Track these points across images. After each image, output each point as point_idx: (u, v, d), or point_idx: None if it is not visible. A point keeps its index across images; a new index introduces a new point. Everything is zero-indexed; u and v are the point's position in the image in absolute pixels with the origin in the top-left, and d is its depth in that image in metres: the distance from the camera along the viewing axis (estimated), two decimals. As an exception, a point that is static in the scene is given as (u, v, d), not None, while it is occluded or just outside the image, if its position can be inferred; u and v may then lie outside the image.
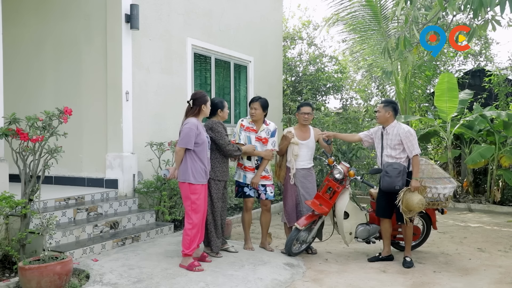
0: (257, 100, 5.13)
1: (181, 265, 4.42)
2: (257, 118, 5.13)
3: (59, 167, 5.61)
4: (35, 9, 7.13)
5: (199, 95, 4.54)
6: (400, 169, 4.73)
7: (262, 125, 5.17)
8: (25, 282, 3.66)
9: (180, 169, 4.44)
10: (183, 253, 4.42)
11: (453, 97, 8.53)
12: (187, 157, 4.40)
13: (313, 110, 5.34)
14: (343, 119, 10.19)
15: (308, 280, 4.32)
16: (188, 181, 4.38)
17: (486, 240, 6.12)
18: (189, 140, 4.32)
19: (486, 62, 13.24)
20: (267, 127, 5.15)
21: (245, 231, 5.29)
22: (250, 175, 5.10)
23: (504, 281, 4.35)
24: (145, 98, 6.58)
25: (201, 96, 4.52)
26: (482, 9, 4.35)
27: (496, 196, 8.59)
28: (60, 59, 6.85)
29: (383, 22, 9.86)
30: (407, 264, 4.78)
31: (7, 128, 4.21)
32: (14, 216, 4.39)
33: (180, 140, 4.38)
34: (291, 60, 13.34)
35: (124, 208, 5.89)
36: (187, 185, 4.40)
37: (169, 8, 7.01)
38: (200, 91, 4.61)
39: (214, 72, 8.08)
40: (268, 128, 5.16)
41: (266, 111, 5.17)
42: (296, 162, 5.20)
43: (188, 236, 4.41)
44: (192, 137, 4.33)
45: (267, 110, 5.20)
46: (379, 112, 4.96)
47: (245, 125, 5.17)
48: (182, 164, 4.42)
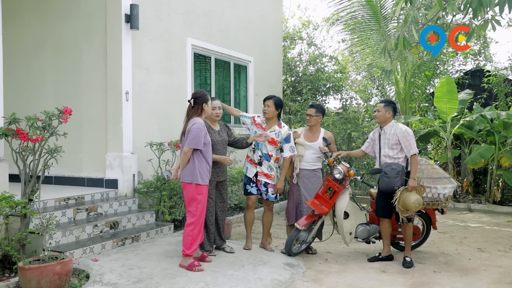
0: (271, 98, 5.16)
1: (181, 265, 4.41)
2: (269, 116, 5.13)
3: (59, 167, 5.61)
4: (35, 9, 7.12)
5: (199, 94, 4.50)
6: (398, 169, 4.73)
7: (275, 126, 5.14)
8: (25, 282, 3.66)
9: (185, 170, 4.37)
10: (184, 254, 4.41)
11: (453, 99, 8.56)
12: (194, 158, 4.35)
13: (318, 111, 5.27)
14: (342, 119, 10.20)
15: (308, 280, 4.32)
16: (196, 181, 4.34)
17: (486, 240, 6.12)
18: (199, 141, 4.29)
19: (486, 62, 13.24)
20: (279, 130, 5.11)
21: (246, 230, 5.30)
22: (252, 167, 5.15)
23: (504, 281, 4.35)
24: (145, 98, 6.58)
25: (201, 95, 4.48)
26: (481, 9, 4.35)
27: (496, 196, 8.60)
28: (60, 59, 6.85)
29: (382, 22, 9.87)
30: (407, 264, 4.78)
31: (7, 128, 4.21)
32: (14, 216, 4.39)
33: (189, 140, 4.30)
34: (291, 60, 13.34)
35: (124, 208, 5.89)
36: (194, 186, 4.35)
37: (169, 8, 7.01)
38: (201, 90, 4.57)
39: (214, 72, 8.08)
40: (280, 131, 5.11)
41: (279, 110, 5.17)
42: (300, 162, 5.21)
43: (190, 237, 4.39)
44: (201, 138, 4.30)
45: (281, 109, 5.21)
46: (379, 111, 4.96)
47: (256, 120, 5.20)
48: (189, 165, 4.36)
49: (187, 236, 4.39)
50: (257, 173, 5.13)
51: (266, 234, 5.29)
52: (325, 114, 5.62)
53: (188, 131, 4.35)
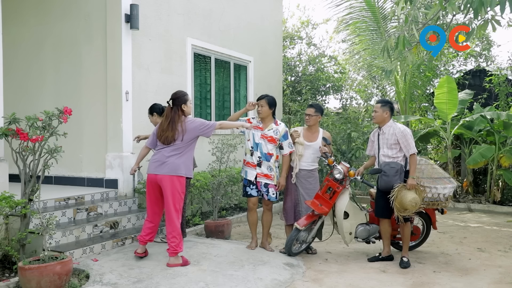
0: (264, 97, 5.17)
1: (172, 264, 4.41)
2: (263, 115, 5.15)
3: (59, 167, 5.61)
4: (35, 9, 7.12)
5: (178, 95, 4.56)
6: (397, 168, 4.74)
7: (271, 124, 5.16)
8: (25, 282, 3.66)
9: (182, 164, 4.45)
10: (175, 252, 4.42)
11: (453, 99, 8.56)
12: (191, 151, 4.52)
13: (317, 111, 5.25)
14: (342, 119, 10.20)
15: (308, 280, 4.32)
16: (189, 175, 4.52)
17: (486, 240, 6.12)
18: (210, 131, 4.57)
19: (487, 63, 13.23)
20: (276, 127, 5.14)
21: (250, 231, 5.35)
22: (251, 170, 5.13)
23: (504, 281, 4.35)
24: (145, 98, 6.57)
25: (180, 96, 4.55)
26: (482, 9, 4.35)
27: (496, 196, 8.59)
28: (60, 59, 6.85)
29: (382, 22, 9.87)
30: (404, 264, 4.77)
31: (7, 128, 4.21)
32: (14, 216, 4.38)
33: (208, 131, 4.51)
34: (290, 60, 13.33)
35: (124, 208, 5.89)
36: (184, 179, 4.49)
37: (169, 8, 7.01)
38: (180, 91, 4.63)
39: (214, 72, 8.08)
40: (277, 128, 5.13)
41: (273, 109, 5.19)
42: (299, 162, 5.21)
43: (178, 234, 4.43)
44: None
45: (275, 108, 5.23)
46: (377, 112, 4.97)
47: (252, 122, 5.21)
48: (186, 159, 4.47)
49: (177, 235, 4.42)
50: (257, 175, 5.13)
51: (266, 234, 5.30)
52: (323, 113, 5.61)
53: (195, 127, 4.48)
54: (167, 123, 4.47)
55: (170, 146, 4.46)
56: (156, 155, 4.52)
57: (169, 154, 4.44)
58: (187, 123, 4.49)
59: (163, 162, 4.43)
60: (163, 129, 4.48)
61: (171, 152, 4.45)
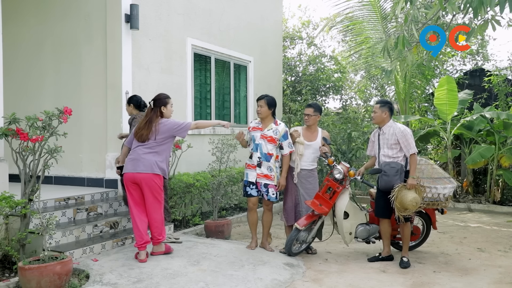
0: (263, 98, 5.18)
1: (156, 252, 4.68)
2: (263, 116, 5.15)
3: (59, 167, 5.61)
4: (35, 9, 7.12)
5: (161, 96, 4.75)
6: (397, 167, 4.74)
7: (271, 124, 5.16)
8: (25, 282, 3.66)
9: (157, 162, 4.59)
10: (158, 241, 4.70)
11: (453, 99, 8.56)
12: (166, 152, 4.69)
13: (316, 111, 5.26)
14: (342, 119, 10.20)
15: (308, 280, 4.32)
16: (164, 175, 4.68)
17: (486, 240, 6.12)
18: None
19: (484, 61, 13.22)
20: (276, 127, 5.14)
21: (250, 231, 5.35)
22: (251, 172, 5.13)
23: (504, 281, 4.35)
24: (145, 98, 6.55)
25: (162, 98, 4.73)
26: (482, 9, 4.35)
27: (496, 196, 8.60)
28: (60, 59, 6.85)
29: (382, 22, 9.87)
30: (404, 264, 4.77)
31: (7, 128, 4.20)
32: (14, 216, 4.39)
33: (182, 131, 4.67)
34: (290, 60, 13.33)
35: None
36: (162, 178, 4.66)
37: (169, 8, 7.02)
38: (162, 93, 4.81)
39: (214, 72, 8.08)
40: (277, 128, 5.13)
41: (272, 109, 5.20)
42: (299, 162, 5.21)
43: (161, 224, 4.68)
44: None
45: (274, 108, 5.23)
46: (376, 112, 4.98)
47: (251, 126, 5.24)
48: (162, 159, 4.63)
49: (160, 225, 4.68)
50: (257, 176, 5.12)
51: (266, 234, 5.30)
52: (322, 113, 5.61)
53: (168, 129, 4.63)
54: (145, 121, 4.66)
55: (144, 144, 4.62)
56: (132, 154, 4.67)
57: (143, 152, 4.60)
58: (160, 125, 4.63)
59: (139, 160, 4.57)
60: (140, 127, 4.66)
61: (145, 149, 4.61)
